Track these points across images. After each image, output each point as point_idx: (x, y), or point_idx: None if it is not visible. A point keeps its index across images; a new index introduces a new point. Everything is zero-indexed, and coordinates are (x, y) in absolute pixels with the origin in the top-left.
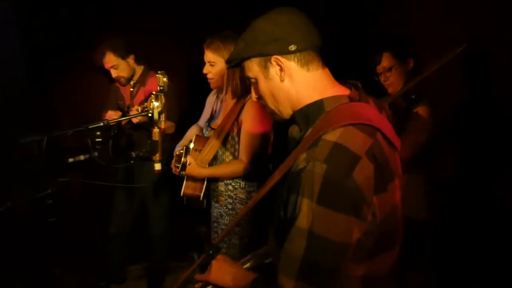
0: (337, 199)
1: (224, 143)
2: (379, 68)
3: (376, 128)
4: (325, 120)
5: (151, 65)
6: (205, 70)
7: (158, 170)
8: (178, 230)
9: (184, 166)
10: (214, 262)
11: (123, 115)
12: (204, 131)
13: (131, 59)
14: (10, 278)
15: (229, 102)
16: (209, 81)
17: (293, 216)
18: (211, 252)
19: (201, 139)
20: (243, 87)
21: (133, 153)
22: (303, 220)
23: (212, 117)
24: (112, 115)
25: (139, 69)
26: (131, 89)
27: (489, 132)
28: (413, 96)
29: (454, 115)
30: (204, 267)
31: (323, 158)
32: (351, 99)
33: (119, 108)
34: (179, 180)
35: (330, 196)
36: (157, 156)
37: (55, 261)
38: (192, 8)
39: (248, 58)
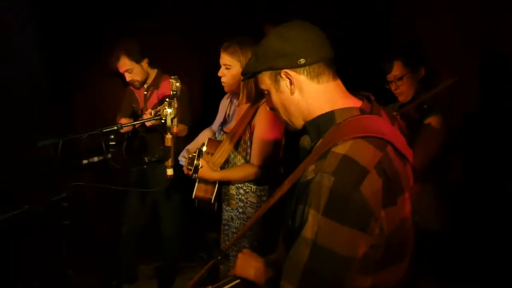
0: (344, 212)
1: (236, 147)
2: (390, 77)
3: (387, 140)
4: (335, 132)
5: (165, 68)
6: (220, 73)
7: (170, 175)
8: (189, 231)
9: (196, 168)
10: (240, 255)
11: (136, 118)
12: (216, 134)
13: (145, 63)
14: (26, 278)
15: (243, 106)
16: (223, 84)
17: (300, 226)
18: (219, 258)
19: (214, 143)
20: (257, 93)
21: (146, 158)
22: (308, 231)
23: (225, 121)
24: (124, 122)
25: (153, 73)
26: (145, 92)
27: (502, 141)
28: (426, 106)
29: (467, 123)
30: (212, 271)
31: (332, 170)
32: (362, 111)
33: (133, 111)
34: (190, 181)
35: (336, 209)
36: (169, 162)
37: (68, 261)
38: (206, 10)
39: (260, 72)
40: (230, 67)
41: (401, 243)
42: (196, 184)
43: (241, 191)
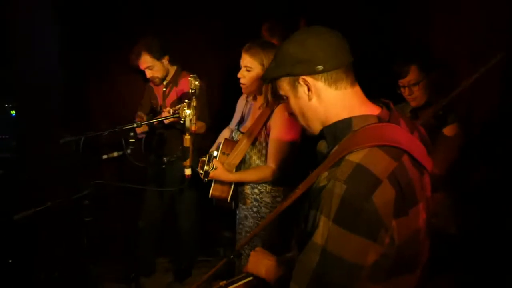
0: (354, 221)
1: (252, 147)
2: (404, 82)
3: (403, 150)
4: (351, 139)
5: (184, 65)
6: (239, 75)
7: (188, 175)
8: (206, 226)
9: (207, 173)
10: (252, 253)
11: (155, 114)
12: (233, 134)
13: (165, 60)
14: (48, 269)
15: (258, 106)
16: (241, 86)
17: (311, 231)
18: (232, 256)
19: (230, 143)
20: (275, 96)
21: (165, 158)
22: (318, 236)
23: (242, 120)
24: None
25: (172, 70)
26: (164, 89)
27: None
28: (441, 112)
29: (485, 128)
30: (227, 267)
31: (344, 178)
32: (380, 119)
33: (152, 107)
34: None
35: (347, 217)
36: (187, 162)
37: (88, 254)
38: (227, 9)
39: (278, 77)
40: (250, 69)
41: (413, 254)
42: (213, 184)
43: (256, 190)
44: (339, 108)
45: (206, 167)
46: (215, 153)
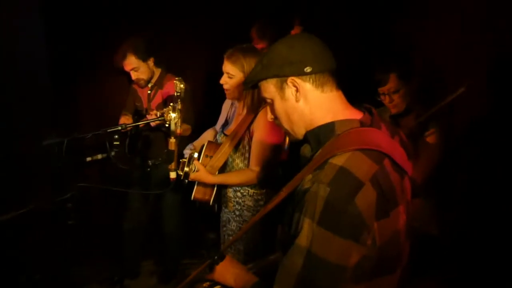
0: (338, 223)
1: (235, 150)
2: (384, 90)
3: (384, 154)
4: (334, 143)
5: (170, 67)
6: (222, 81)
7: (173, 178)
8: (191, 228)
9: (187, 175)
10: (220, 263)
11: (140, 116)
12: (217, 136)
13: (151, 62)
14: (29, 271)
15: (240, 108)
16: (225, 91)
17: (295, 234)
18: (216, 257)
19: (213, 145)
20: (257, 101)
21: (149, 162)
22: (303, 239)
23: (226, 123)
24: (125, 122)
25: (157, 72)
26: (149, 92)
27: (502, 148)
28: (422, 119)
29: (470, 131)
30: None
31: (328, 181)
32: (362, 123)
33: (136, 110)
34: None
35: (330, 219)
36: (172, 165)
37: (71, 256)
38: (214, 9)
39: (265, 79)
40: (232, 76)
41: (394, 255)
42: (195, 186)
43: (238, 194)
44: (324, 111)
45: (186, 169)
46: (195, 155)
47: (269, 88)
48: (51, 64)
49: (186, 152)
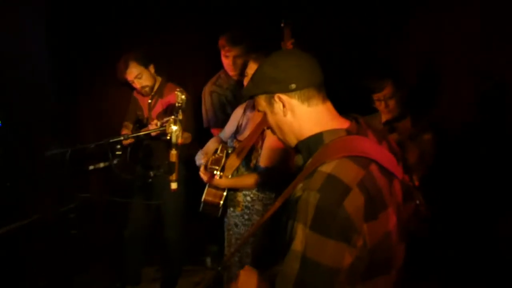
0: (328, 226)
1: (248, 155)
2: (380, 96)
3: (371, 159)
4: (322, 152)
5: (171, 73)
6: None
7: (174, 189)
8: (193, 235)
9: (223, 168)
10: (242, 272)
11: (141, 125)
12: (229, 142)
13: (152, 68)
14: (33, 279)
15: (257, 116)
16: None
17: (290, 240)
18: (220, 268)
19: (226, 149)
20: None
21: (151, 173)
22: (297, 244)
23: (237, 131)
24: (126, 132)
25: (158, 81)
26: (149, 101)
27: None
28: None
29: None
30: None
31: (317, 188)
32: (348, 132)
33: (138, 119)
34: (194, 186)
35: (322, 223)
36: (173, 176)
37: (74, 263)
38: (213, 17)
39: (256, 95)
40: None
41: (386, 256)
42: (206, 188)
43: (248, 198)
44: (312, 124)
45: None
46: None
47: (261, 102)
48: (54, 76)
49: (199, 159)
